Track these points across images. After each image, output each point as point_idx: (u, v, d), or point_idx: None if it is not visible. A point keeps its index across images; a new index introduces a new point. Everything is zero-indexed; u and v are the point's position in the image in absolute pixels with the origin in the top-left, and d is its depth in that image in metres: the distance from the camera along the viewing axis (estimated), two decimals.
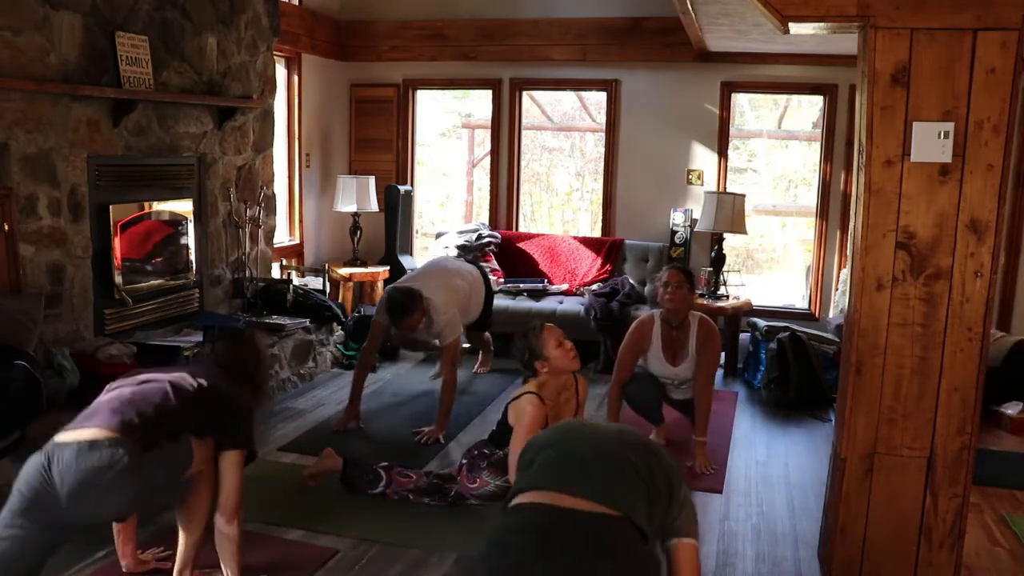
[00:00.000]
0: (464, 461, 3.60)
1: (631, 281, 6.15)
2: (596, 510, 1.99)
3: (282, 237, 6.36)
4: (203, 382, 2.66)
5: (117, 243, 4.26)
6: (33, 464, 2.39)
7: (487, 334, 5.57)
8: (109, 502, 2.43)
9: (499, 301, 6.03)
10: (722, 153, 6.36)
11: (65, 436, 2.42)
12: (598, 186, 6.93)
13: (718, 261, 5.99)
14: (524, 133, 7.10)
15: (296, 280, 5.99)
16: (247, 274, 5.37)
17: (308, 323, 5.32)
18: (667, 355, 4.21)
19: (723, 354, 5.86)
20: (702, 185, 6.36)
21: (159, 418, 2.51)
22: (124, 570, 2.88)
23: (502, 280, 6.37)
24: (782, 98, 8.29)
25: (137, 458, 2.40)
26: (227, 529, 2.63)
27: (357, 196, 6.45)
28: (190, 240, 4.87)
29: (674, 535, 2.16)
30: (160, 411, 2.52)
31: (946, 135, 2.66)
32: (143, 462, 2.41)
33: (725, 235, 6.03)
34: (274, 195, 5.72)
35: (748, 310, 5.98)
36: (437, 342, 4.61)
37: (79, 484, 2.33)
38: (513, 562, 1.94)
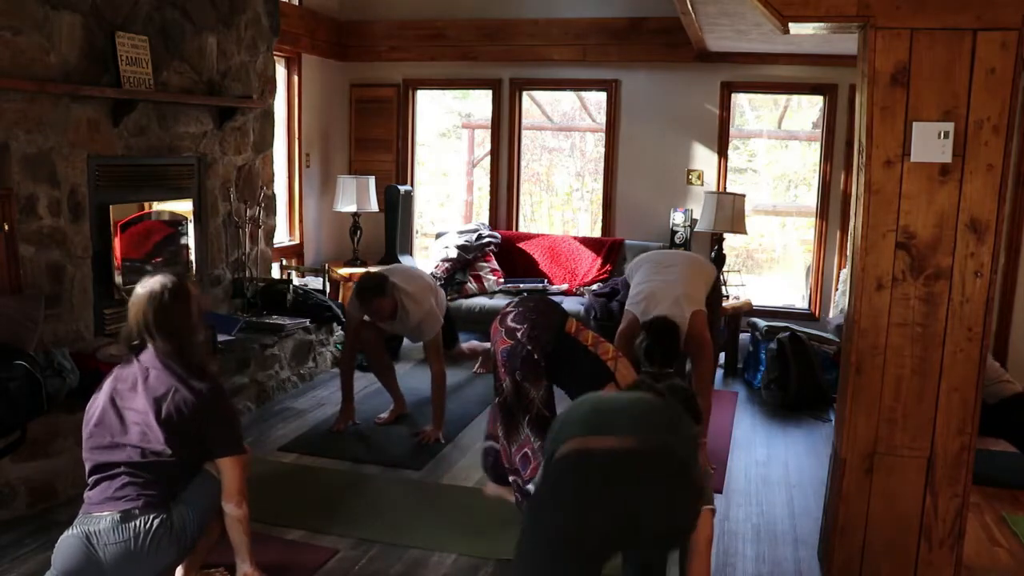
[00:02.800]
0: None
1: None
2: (638, 446, 2.17)
3: (282, 237, 6.36)
4: (171, 417, 2.53)
5: (117, 243, 4.26)
6: (71, 543, 2.46)
7: (462, 347, 5.36)
8: (153, 564, 2.51)
9: (499, 301, 6.03)
10: (722, 153, 6.36)
11: (97, 512, 2.49)
12: (598, 186, 6.93)
13: (718, 261, 5.99)
14: (524, 133, 7.10)
15: (296, 280, 6.00)
16: (247, 274, 5.37)
17: (308, 323, 5.32)
18: None
19: (723, 354, 5.87)
20: (702, 185, 6.36)
21: (168, 477, 2.56)
22: None
23: (502, 280, 6.37)
24: (782, 98, 8.28)
25: (168, 517, 2.50)
26: (236, 512, 2.66)
27: (357, 196, 6.45)
28: (190, 240, 4.87)
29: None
30: (163, 471, 2.55)
31: (946, 135, 2.66)
32: (174, 519, 2.51)
33: (725, 235, 6.04)
34: (274, 195, 5.72)
35: (748, 310, 5.98)
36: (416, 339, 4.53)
37: (122, 555, 2.44)
38: (574, 497, 2.14)
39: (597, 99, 8.17)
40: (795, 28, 2.85)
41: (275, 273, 5.95)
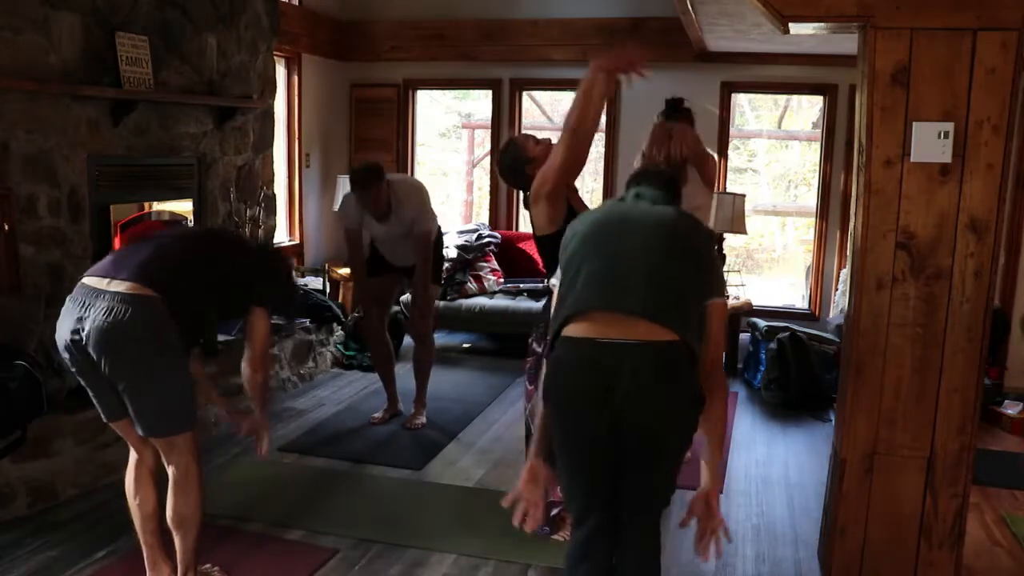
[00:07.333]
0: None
1: None
2: (649, 338, 2.07)
3: (282, 237, 6.35)
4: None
5: (117, 243, 4.26)
6: (66, 311, 2.61)
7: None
8: (126, 337, 2.53)
9: (499, 301, 6.04)
10: (722, 153, 6.35)
11: (96, 283, 2.62)
12: (598, 186, 6.92)
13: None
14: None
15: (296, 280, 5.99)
16: None
17: (308, 323, 5.32)
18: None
19: (723, 354, 5.86)
20: None
21: (182, 270, 2.66)
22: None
23: (502, 280, 6.37)
24: (782, 98, 8.29)
25: (163, 310, 2.55)
26: (253, 376, 2.81)
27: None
28: None
29: (706, 299, 2.24)
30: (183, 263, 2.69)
31: (946, 135, 2.66)
32: (161, 313, 2.55)
33: (725, 235, 6.03)
34: (274, 195, 5.72)
35: (748, 310, 5.98)
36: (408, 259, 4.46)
37: (105, 322, 2.52)
38: (578, 401, 2.11)
39: None
40: (795, 28, 2.85)
41: None
